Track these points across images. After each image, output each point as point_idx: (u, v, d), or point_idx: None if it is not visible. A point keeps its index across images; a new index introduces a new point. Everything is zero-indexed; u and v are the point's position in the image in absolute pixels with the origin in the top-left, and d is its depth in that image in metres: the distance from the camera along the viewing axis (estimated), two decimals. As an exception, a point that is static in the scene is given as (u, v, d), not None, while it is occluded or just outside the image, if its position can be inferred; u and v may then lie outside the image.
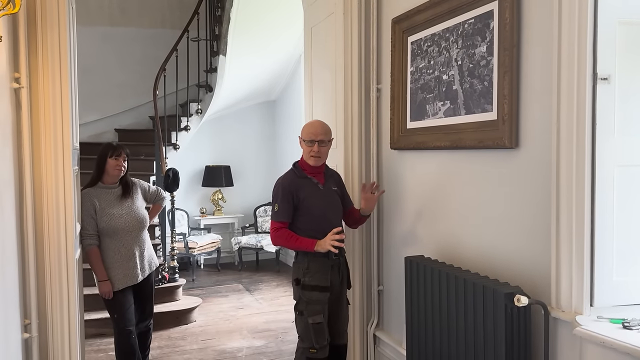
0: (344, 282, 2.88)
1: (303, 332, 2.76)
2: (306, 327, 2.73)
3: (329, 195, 2.85)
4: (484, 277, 2.23)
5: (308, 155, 2.80)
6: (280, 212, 2.73)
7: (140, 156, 5.62)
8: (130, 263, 3.23)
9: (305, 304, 2.73)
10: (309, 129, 2.84)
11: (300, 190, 2.76)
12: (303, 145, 2.82)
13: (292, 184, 2.77)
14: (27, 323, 2.52)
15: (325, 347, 2.74)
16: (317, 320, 2.71)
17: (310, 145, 2.77)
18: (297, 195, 2.74)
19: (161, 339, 4.39)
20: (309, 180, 2.81)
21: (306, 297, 2.72)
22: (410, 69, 2.89)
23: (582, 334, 1.84)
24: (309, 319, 2.71)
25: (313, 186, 2.81)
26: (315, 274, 2.72)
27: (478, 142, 2.34)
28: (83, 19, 4.56)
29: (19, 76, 2.45)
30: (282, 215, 2.73)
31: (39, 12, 2.58)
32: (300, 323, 2.77)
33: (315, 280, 2.72)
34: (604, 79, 1.87)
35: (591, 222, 1.89)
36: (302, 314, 2.74)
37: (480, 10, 2.32)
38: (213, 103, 6.31)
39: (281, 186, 2.78)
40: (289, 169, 2.89)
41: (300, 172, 2.83)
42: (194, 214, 7.28)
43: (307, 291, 2.73)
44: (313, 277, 2.72)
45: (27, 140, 2.51)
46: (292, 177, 2.82)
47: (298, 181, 2.79)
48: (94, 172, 3.26)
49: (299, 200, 2.74)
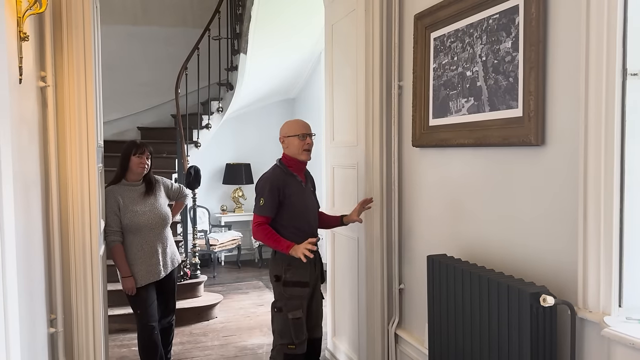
0: (318, 277, 2.98)
1: (282, 329, 2.81)
2: (285, 323, 2.78)
3: (309, 194, 2.98)
4: (509, 277, 2.19)
5: (300, 150, 2.87)
6: (265, 206, 2.78)
7: (162, 154, 5.68)
8: (153, 259, 3.26)
9: (285, 300, 2.80)
10: (297, 124, 2.94)
11: (287, 187, 2.83)
12: (293, 141, 2.88)
13: (279, 180, 2.83)
14: (53, 318, 2.56)
15: (303, 342, 2.81)
16: (296, 316, 2.78)
17: (302, 139, 2.87)
18: (283, 191, 2.81)
19: (183, 335, 4.44)
20: (294, 177, 2.89)
21: (288, 294, 2.79)
22: (432, 66, 2.85)
23: (610, 335, 1.80)
24: (289, 314, 2.77)
25: (298, 184, 2.90)
26: (297, 269, 2.78)
27: (503, 140, 2.30)
28: (107, 18, 4.63)
29: (45, 75, 2.50)
30: (266, 210, 2.79)
31: (64, 12, 2.62)
32: (278, 320, 2.82)
33: (297, 276, 2.79)
34: (634, 74, 1.82)
35: (620, 222, 1.85)
36: (281, 310, 2.80)
37: (505, 5, 2.28)
38: (234, 101, 6.35)
39: (269, 181, 2.83)
40: (272, 165, 2.95)
41: (286, 169, 2.89)
42: (214, 212, 7.34)
43: (288, 287, 2.80)
44: (295, 273, 2.79)
45: (53, 138, 2.56)
46: (279, 173, 2.88)
47: (285, 178, 2.86)
48: (117, 170, 3.31)
49: (285, 196, 2.81)
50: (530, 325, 1.96)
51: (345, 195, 3.56)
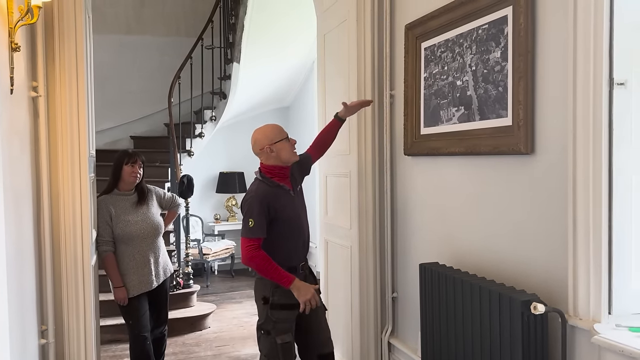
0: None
1: (270, 353, 2.59)
2: (273, 347, 2.56)
3: (298, 200, 2.75)
4: (500, 285, 2.20)
5: (291, 152, 2.65)
6: (255, 228, 2.50)
7: (155, 163, 5.67)
8: (145, 269, 3.25)
9: (272, 323, 2.57)
10: (277, 128, 2.70)
11: (276, 201, 2.58)
12: (283, 145, 2.63)
13: (267, 196, 2.57)
14: (44, 329, 2.55)
15: None
16: (285, 340, 2.56)
17: (287, 141, 2.65)
18: (273, 207, 2.55)
19: (176, 345, 4.41)
20: (281, 188, 2.64)
21: (275, 317, 2.56)
22: (423, 75, 2.88)
23: (600, 343, 1.81)
24: (277, 339, 2.55)
25: (286, 195, 2.65)
26: (286, 291, 2.53)
27: (493, 148, 2.32)
28: (100, 27, 4.64)
29: (36, 85, 2.50)
30: (257, 231, 2.51)
31: (56, 22, 2.62)
32: (265, 343, 2.59)
33: (285, 299, 2.54)
34: (621, 84, 1.84)
35: (609, 229, 1.86)
36: (269, 333, 2.57)
37: (494, 15, 2.30)
38: (227, 110, 6.35)
39: (257, 200, 2.55)
40: (254, 181, 2.70)
41: (270, 181, 2.63)
42: (208, 220, 7.32)
43: (275, 310, 2.56)
44: (283, 295, 2.54)
45: (45, 148, 2.55)
46: (265, 189, 2.60)
47: (273, 191, 2.60)
48: (110, 179, 3.30)
49: (275, 211, 2.56)
50: (522, 333, 1.97)
51: (338, 203, 3.57)
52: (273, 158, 2.65)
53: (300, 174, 2.83)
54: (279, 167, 2.66)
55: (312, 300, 2.54)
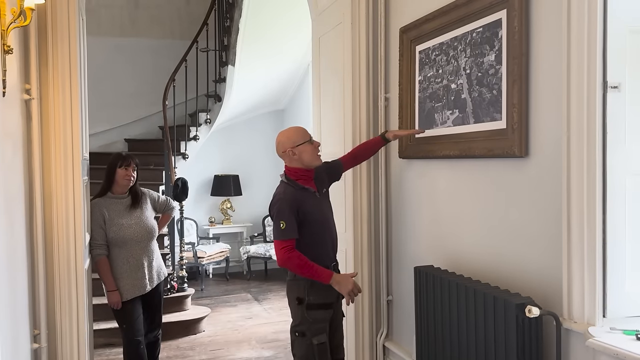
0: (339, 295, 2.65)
1: (305, 355, 2.56)
2: (309, 348, 2.54)
3: (324, 201, 2.75)
4: (495, 288, 2.20)
5: (314, 155, 2.62)
6: (287, 229, 2.50)
7: (149, 166, 5.65)
8: (138, 273, 3.23)
9: (309, 324, 2.54)
10: (301, 130, 2.66)
11: (303, 204, 2.57)
12: (306, 148, 2.60)
13: (295, 198, 2.56)
14: (37, 333, 2.53)
15: None
16: (321, 340, 2.53)
17: (311, 144, 2.61)
18: (301, 209, 2.55)
19: (170, 349, 4.39)
20: (307, 191, 2.62)
21: (311, 317, 2.54)
22: (418, 78, 2.88)
23: (594, 346, 1.81)
24: (314, 340, 2.53)
25: (312, 197, 2.64)
26: (321, 290, 2.53)
27: (487, 151, 2.33)
28: (94, 30, 4.62)
29: (29, 87, 2.48)
30: (290, 233, 2.50)
31: (49, 24, 2.61)
32: (301, 345, 2.57)
33: (322, 298, 2.54)
34: (614, 87, 1.85)
35: (603, 232, 1.87)
36: (305, 334, 2.54)
37: (489, 19, 2.31)
38: (222, 113, 6.34)
39: (285, 202, 2.54)
40: (280, 184, 2.67)
41: (296, 184, 2.61)
42: (202, 224, 7.29)
43: (312, 310, 2.54)
44: (319, 295, 2.54)
45: (37, 150, 2.54)
46: (292, 191, 2.59)
47: (299, 194, 2.59)
48: (103, 182, 3.28)
49: (303, 214, 2.55)
50: (516, 336, 1.96)
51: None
52: (296, 161, 2.62)
53: (328, 178, 2.82)
54: (303, 169, 2.64)
55: (355, 290, 2.52)
